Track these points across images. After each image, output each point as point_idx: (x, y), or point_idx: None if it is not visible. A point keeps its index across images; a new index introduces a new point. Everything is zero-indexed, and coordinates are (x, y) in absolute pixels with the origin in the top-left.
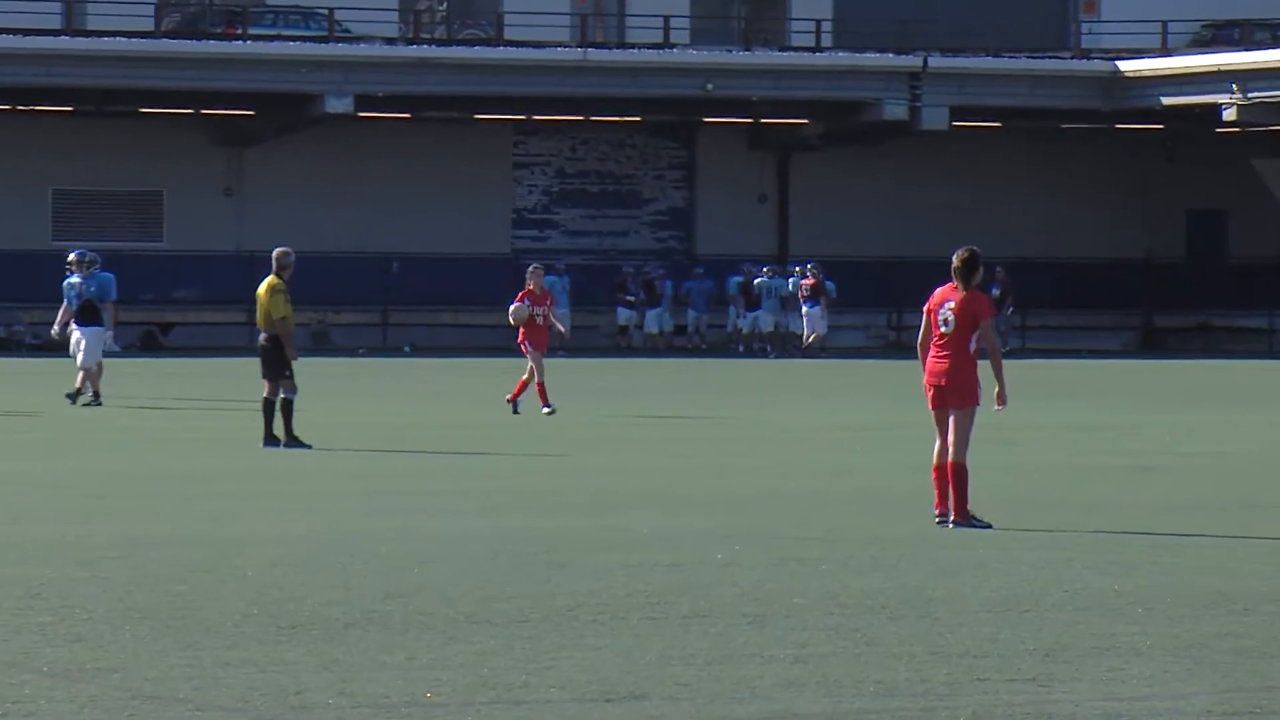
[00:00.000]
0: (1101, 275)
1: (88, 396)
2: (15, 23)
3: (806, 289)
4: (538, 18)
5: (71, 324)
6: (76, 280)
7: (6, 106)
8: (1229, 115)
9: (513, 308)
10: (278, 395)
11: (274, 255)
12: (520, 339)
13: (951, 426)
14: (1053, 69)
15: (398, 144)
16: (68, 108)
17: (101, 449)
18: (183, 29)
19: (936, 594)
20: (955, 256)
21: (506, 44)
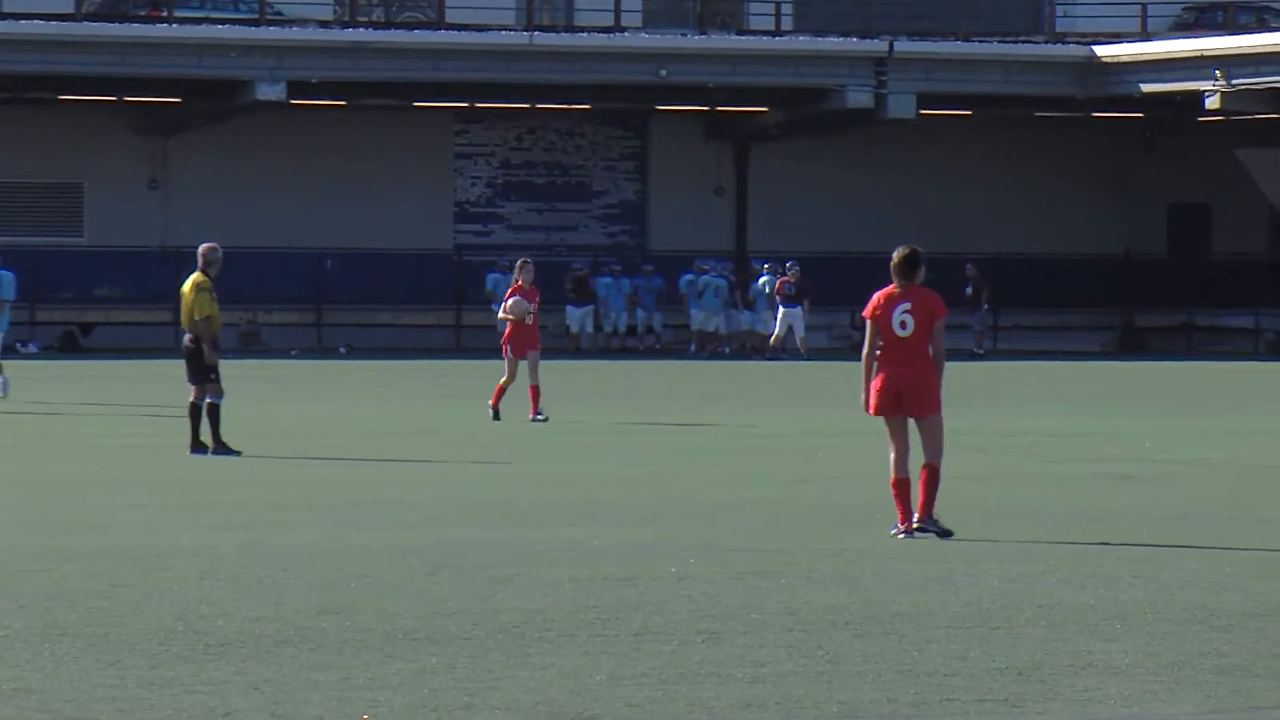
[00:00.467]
0: (1078, 272)
1: None
2: None
3: (792, 288)
4: (481, 0)
5: None
6: None
7: None
8: (1212, 103)
9: (510, 302)
10: (204, 399)
11: (200, 251)
12: (505, 339)
13: (922, 436)
14: (1026, 54)
15: (333, 133)
16: None
17: (15, 456)
18: (104, 11)
19: (903, 609)
20: (896, 254)
21: (448, 27)
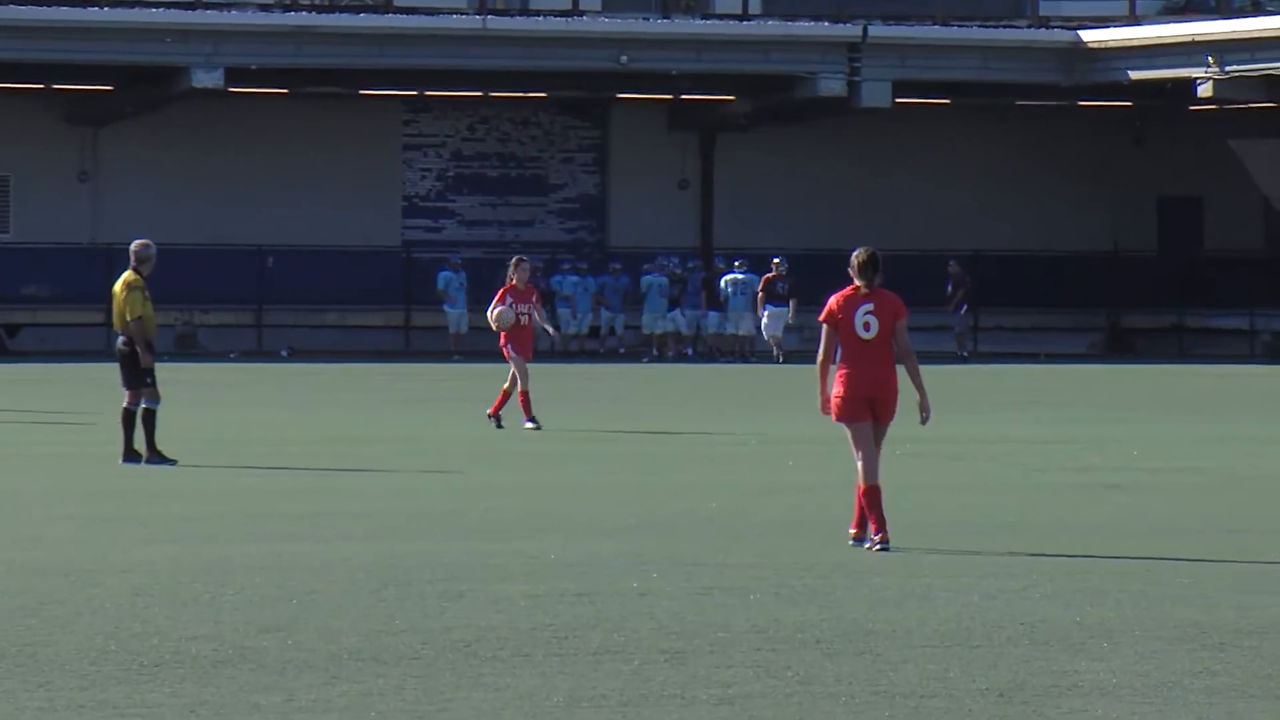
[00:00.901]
0: (1062, 270)
1: None
2: None
3: (784, 285)
4: None
5: None
6: None
7: None
8: (1204, 91)
9: (496, 311)
10: (139, 405)
11: (132, 248)
12: (503, 342)
13: (873, 443)
14: (1007, 39)
15: (273, 123)
16: None
17: None
18: None
19: (878, 627)
20: (857, 255)
21: (395, 11)
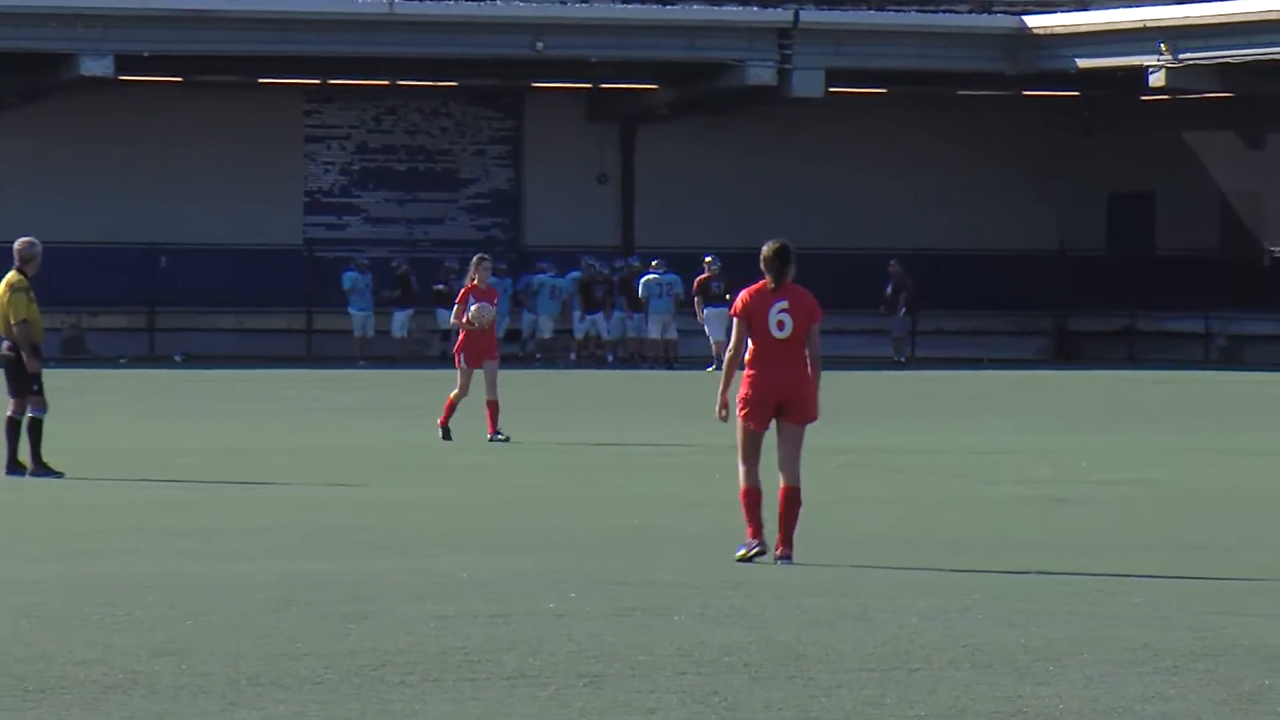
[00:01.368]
0: (1007, 270)
1: None
2: None
3: (717, 286)
4: None
5: None
6: None
7: None
8: (1156, 80)
9: (475, 308)
10: (24, 414)
11: (16, 247)
12: (458, 347)
13: (788, 447)
14: (947, 25)
15: (167, 114)
16: None
17: None
18: None
19: (809, 650)
20: (767, 247)
21: None
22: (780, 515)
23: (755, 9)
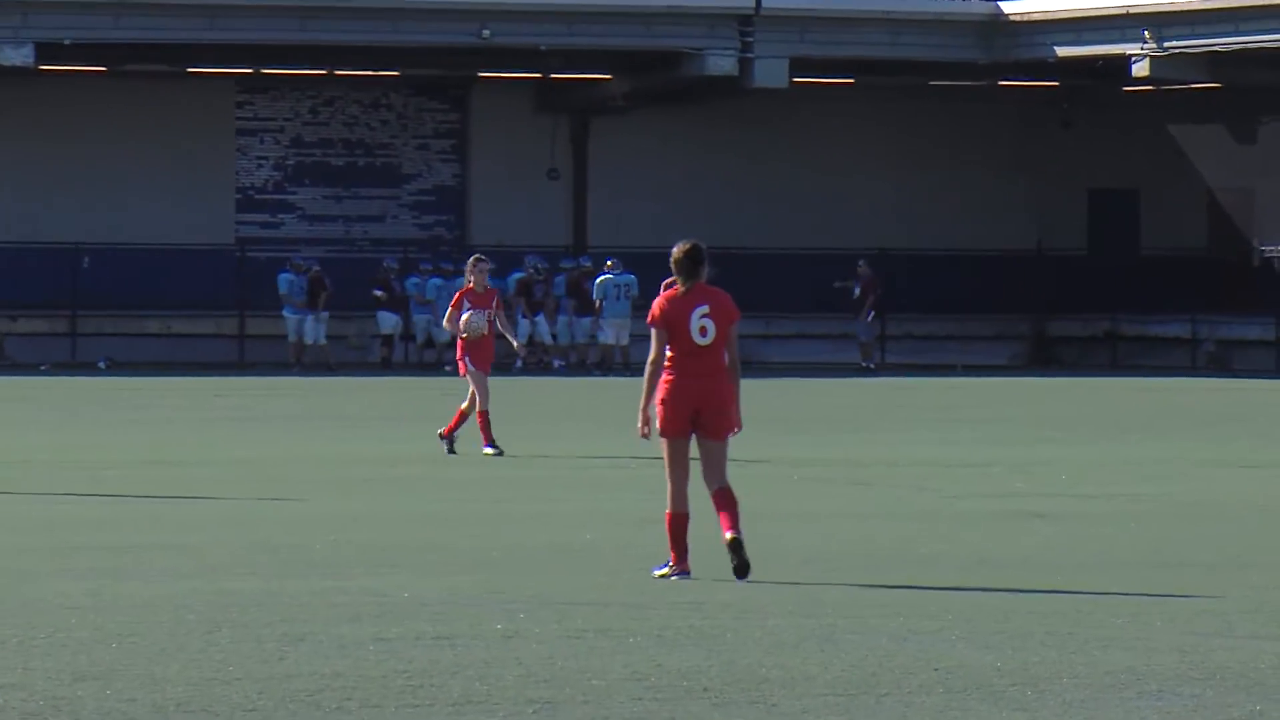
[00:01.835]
0: (981, 271)
1: None
2: None
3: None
4: None
5: None
6: None
7: None
8: (1140, 70)
9: (465, 316)
10: None
11: None
12: (460, 354)
13: (711, 459)
14: (919, 11)
15: (90, 106)
16: None
17: None
18: None
19: (773, 674)
20: (677, 248)
21: None
22: (722, 515)
23: None
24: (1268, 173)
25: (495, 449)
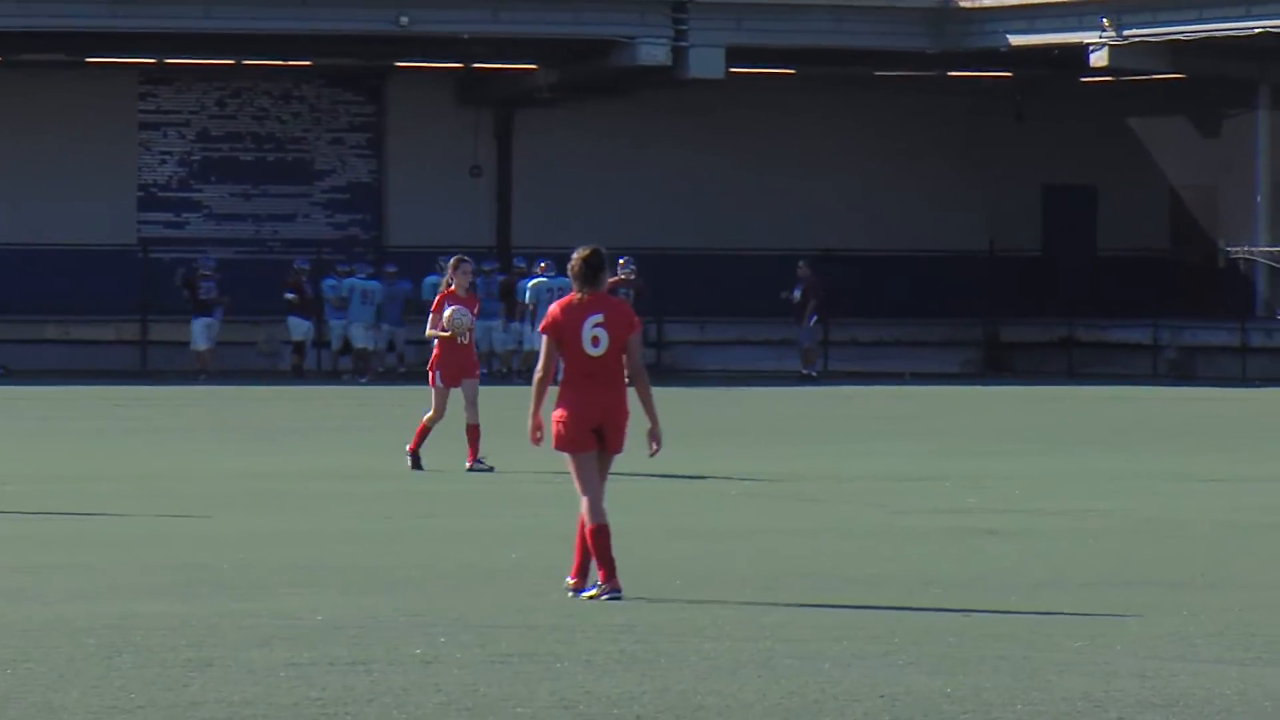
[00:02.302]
0: (930, 273)
1: None
2: None
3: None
4: None
5: None
6: None
7: None
8: (1098, 60)
9: (448, 313)
10: None
11: None
12: (433, 363)
13: (599, 476)
14: None
15: None
16: None
17: None
18: None
19: (709, 701)
20: (578, 254)
21: None
22: (591, 547)
23: None
24: (1232, 169)
25: (415, 460)
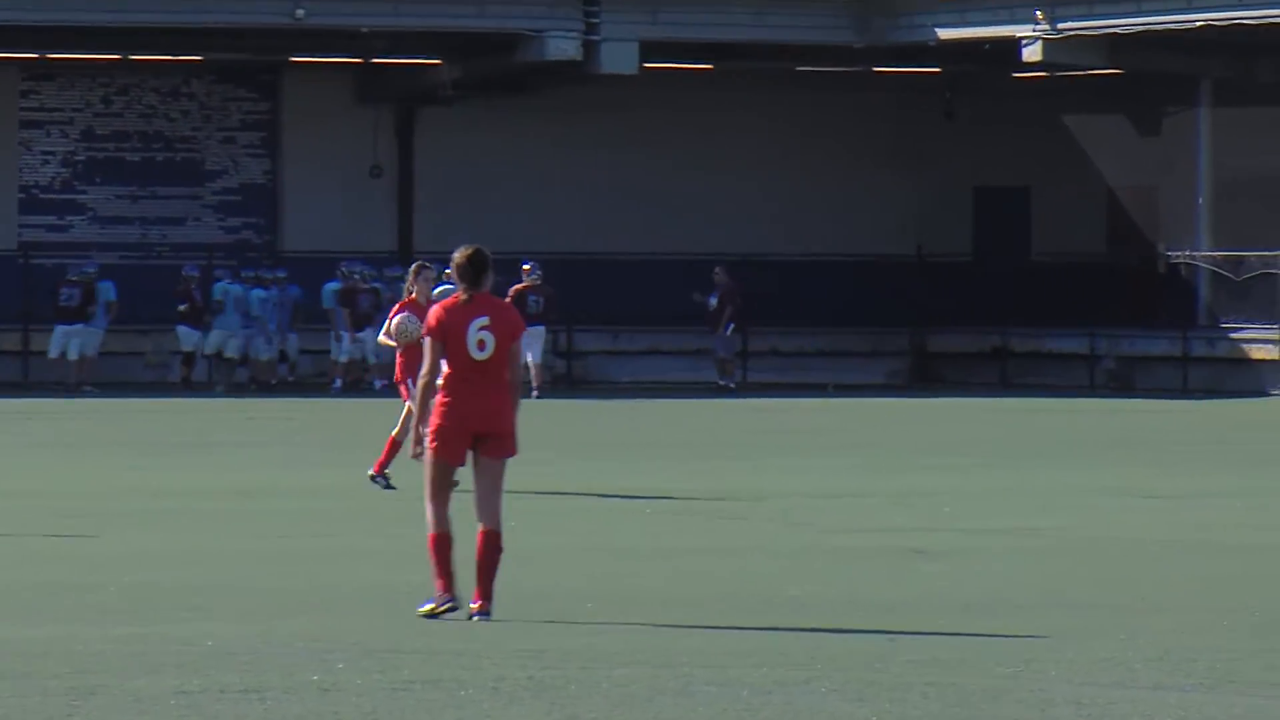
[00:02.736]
0: (854, 280)
1: None
2: None
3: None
4: None
5: None
6: None
7: None
8: (1031, 54)
9: (396, 320)
10: None
11: None
12: (399, 375)
13: (487, 484)
14: None
15: None
16: None
17: None
18: None
19: None
20: (460, 253)
21: None
22: (478, 564)
23: None
24: (1173, 169)
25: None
